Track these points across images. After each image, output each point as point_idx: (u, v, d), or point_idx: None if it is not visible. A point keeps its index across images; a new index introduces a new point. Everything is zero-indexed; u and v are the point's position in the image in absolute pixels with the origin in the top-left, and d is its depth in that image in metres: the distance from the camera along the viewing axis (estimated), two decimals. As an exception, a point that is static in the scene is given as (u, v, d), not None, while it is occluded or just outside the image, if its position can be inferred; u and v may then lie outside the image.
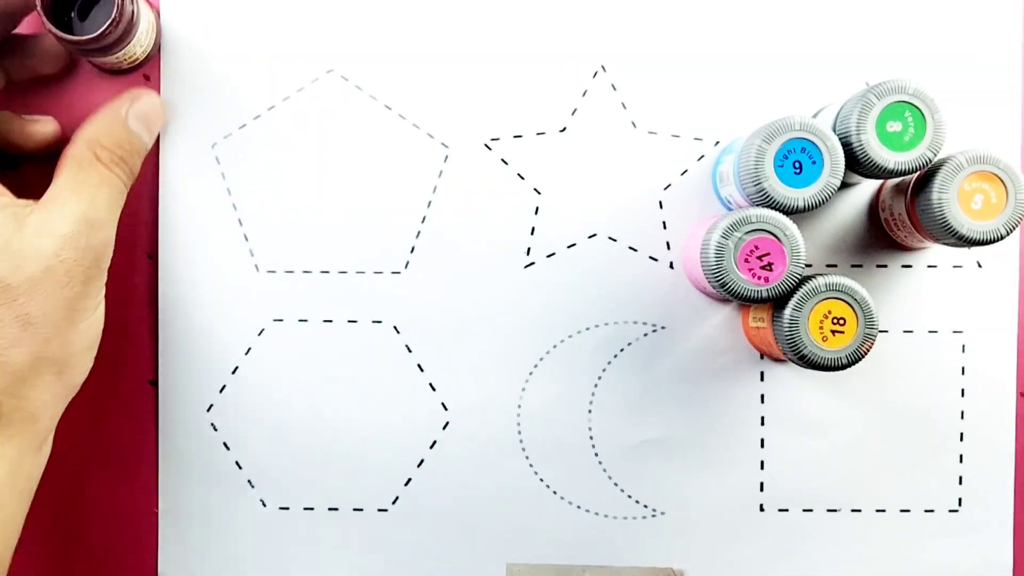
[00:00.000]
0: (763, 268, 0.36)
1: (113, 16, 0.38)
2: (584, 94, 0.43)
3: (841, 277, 0.36)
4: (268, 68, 0.43)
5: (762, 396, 0.43)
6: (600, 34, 0.43)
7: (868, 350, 0.36)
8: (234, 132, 0.43)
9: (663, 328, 0.43)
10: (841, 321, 0.36)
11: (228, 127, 0.43)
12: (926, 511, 0.43)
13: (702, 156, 0.43)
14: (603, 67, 0.43)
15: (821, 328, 0.36)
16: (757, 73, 0.43)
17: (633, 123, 0.43)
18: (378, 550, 0.44)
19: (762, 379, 0.43)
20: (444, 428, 0.43)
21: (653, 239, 0.43)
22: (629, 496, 0.43)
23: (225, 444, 0.43)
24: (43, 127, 0.40)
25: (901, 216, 0.40)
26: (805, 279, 0.36)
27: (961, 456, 0.43)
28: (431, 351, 0.43)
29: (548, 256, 0.43)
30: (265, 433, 0.43)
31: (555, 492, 0.43)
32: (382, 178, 0.43)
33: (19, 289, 0.34)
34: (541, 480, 0.43)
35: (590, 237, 0.43)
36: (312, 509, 0.43)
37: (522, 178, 0.43)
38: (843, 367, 0.36)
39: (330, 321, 0.43)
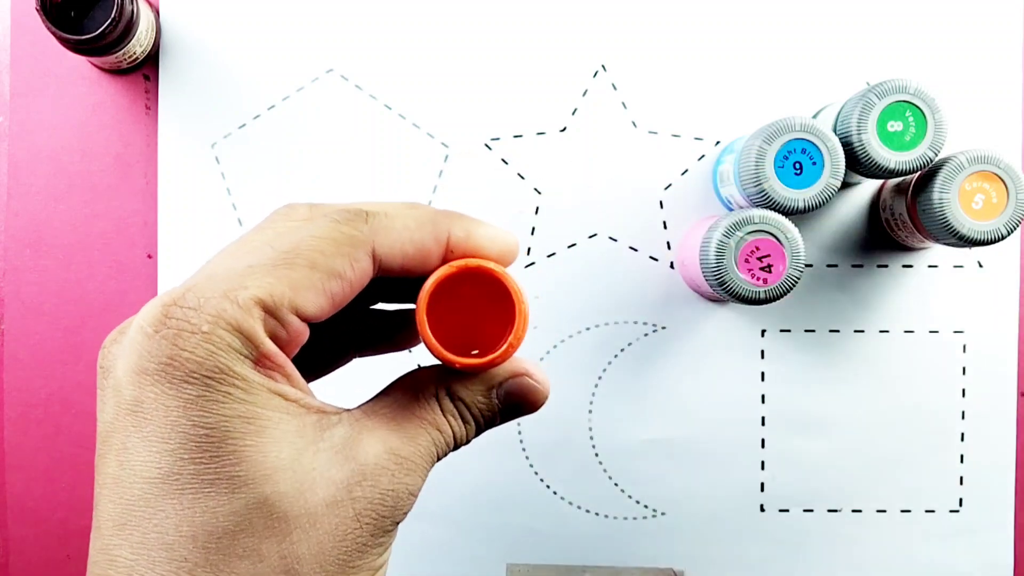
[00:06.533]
0: (762, 269, 0.36)
1: (113, 15, 0.38)
2: (584, 94, 0.43)
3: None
4: (268, 67, 0.43)
5: (763, 396, 0.43)
6: (600, 34, 0.43)
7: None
8: (234, 132, 0.43)
9: (663, 328, 0.43)
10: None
11: (228, 127, 0.43)
12: (927, 511, 0.43)
13: (702, 156, 0.43)
14: (603, 67, 0.43)
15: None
16: (758, 73, 0.43)
17: (633, 123, 0.43)
18: (378, 550, 0.43)
19: (763, 379, 0.43)
20: (444, 428, 0.43)
21: (653, 239, 0.43)
22: (629, 496, 0.43)
23: (225, 444, 0.43)
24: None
25: (902, 216, 0.40)
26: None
27: (962, 456, 0.43)
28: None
29: (548, 256, 0.43)
30: (265, 433, 0.43)
31: (555, 492, 0.43)
32: (382, 178, 0.43)
33: (295, 522, 0.25)
34: (541, 480, 0.43)
35: (590, 237, 0.43)
36: (312, 509, 0.43)
37: (522, 178, 0.43)
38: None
39: (330, 321, 0.43)
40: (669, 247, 0.43)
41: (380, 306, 0.32)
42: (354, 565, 0.26)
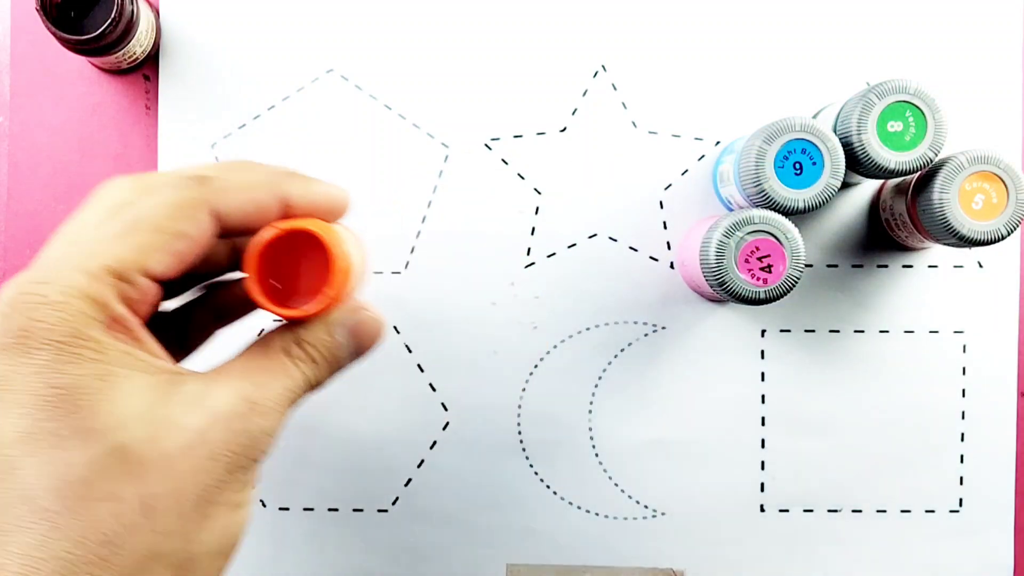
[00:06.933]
0: (763, 269, 0.36)
1: (113, 16, 0.38)
2: (584, 94, 0.43)
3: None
4: (268, 68, 0.43)
5: (763, 396, 0.43)
6: (600, 34, 0.43)
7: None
8: (234, 132, 0.43)
9: (663, 328, 0.43)
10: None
11: (228, 127, 0.43)
12: (927, 511, 0.43)
13: (702, 156, 0.43)
14: (603, 67, 0.43)
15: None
16: (758, 73, 0.43)
17: (633, 123, 0.43)
18: (378, 551, 0.44)
19: (763, 379, 0.43)
20: (444, 428, 0.43)
21: (653, 239, 0.43)
22: (629, 496, 0.43)
23: (225, 444, 0.43)
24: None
25: (902, 216, 0.40)
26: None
27: (962, 456, 0.43)
28: (431, 351, 0.43)
29: (548, 256, 0.43)
30: (265, 433, 0.43)
31: (555, 492, 0.43)
32: (382, 178, 0.43)
33: (151, 465, 0.27)
34: (541, 480, 0.43)
35: (590, 237, 0.43)
36: (312, 510, 0.43)
37: (522, 178, 0.43)
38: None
39: (330, 321, 0.43)
40: (669, 247, 0.43)
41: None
42: (212, 500, 0.28)
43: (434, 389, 0.43)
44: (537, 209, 0.43)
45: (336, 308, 0.32)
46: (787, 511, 0.43)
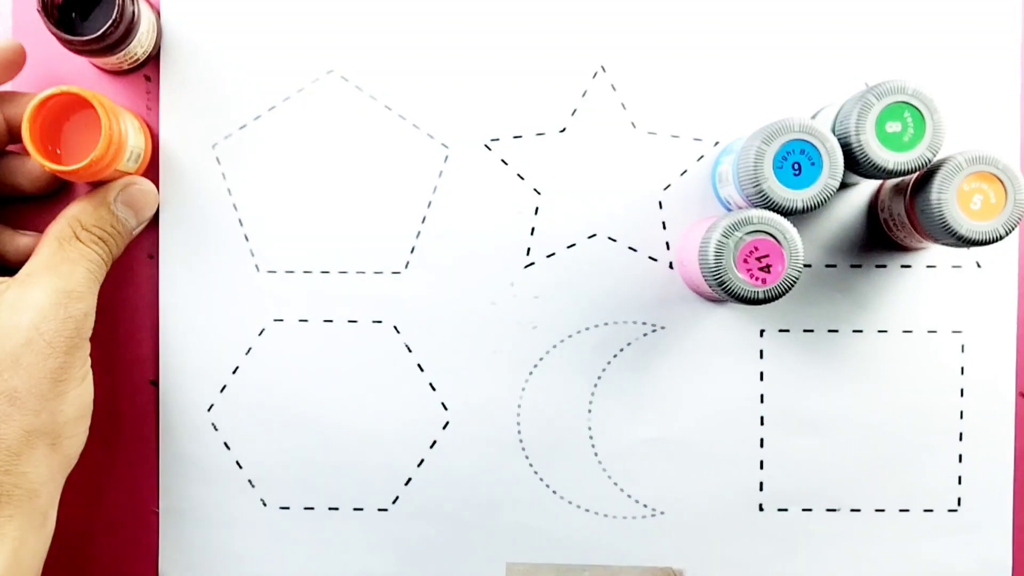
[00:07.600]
0: (761, 269, 0.36)
1: (114, 17, 0.38)
2: (584, 94, 0.43)
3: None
4: (268, 68, 0.43)
5: (761, 396, 0.43)
6: (600, 34, 0.43)
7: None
8: (235, 132, 0.43)
9: (662, 328, 0.43)
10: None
11: (229, 127, 0.43)
12: (925, 511, 0.43)
13: (701, 156, 0.43)
14: (603, 67, 0.43)
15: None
16: (756, 74, 0.43)
17: (633, 123, 0.43)
18: (378, 549, 0.44)
19: (761, 379, 0.43)
20: (444, 428, 0.43)
21: (652, 239, 0.43)
22: (628, 495, 0.43)
23: (226, 444, 0.44)
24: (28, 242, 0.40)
25: (900, 216, 0.40)
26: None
27: (960, 456, 0.43)
28: (431, 351, 0.43)
29: (548, 256, 0.43)
30: (265, 433, 0.43)
31: (555, 492, 0.44)
32: (382, 178, 0.43)
33: (1, 364, 0.34)
34: (541, 480, 0.44)
35: (590, 237, 0.43)
36: (312, 509, 0.44)
37: (522, 178, 0.43)
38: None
39: (330, 321, 0.43)
40: (668, 247, 0.43)
41: None
42: (63, 379, 0.35)
43: (434, 389, 0.43)
44: (537, 209, 0.43)
45: (108, 174, 0.37)
46: (786, 510, 0.43)
